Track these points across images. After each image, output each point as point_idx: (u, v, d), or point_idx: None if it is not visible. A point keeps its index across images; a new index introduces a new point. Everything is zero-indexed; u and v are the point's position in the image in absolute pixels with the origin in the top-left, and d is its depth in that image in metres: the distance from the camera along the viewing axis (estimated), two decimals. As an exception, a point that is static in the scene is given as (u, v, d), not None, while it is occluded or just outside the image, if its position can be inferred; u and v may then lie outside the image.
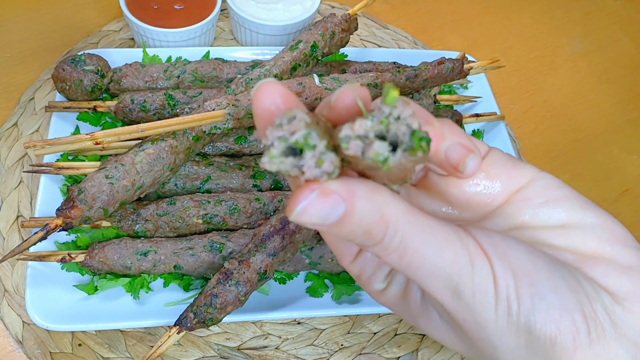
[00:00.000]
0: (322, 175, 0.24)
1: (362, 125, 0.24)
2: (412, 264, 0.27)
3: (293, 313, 0.68)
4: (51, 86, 0.87)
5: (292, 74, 0.78)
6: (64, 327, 0.63)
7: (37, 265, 0.65)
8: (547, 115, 1.03)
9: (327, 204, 0.25)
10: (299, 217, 0.25)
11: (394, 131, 0.24)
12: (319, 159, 0.24)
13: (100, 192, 0.62)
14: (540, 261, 0.28)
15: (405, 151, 0.24)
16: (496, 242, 0.28)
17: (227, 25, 1.02)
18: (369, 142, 0.24)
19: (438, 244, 0.27)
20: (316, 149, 0.24)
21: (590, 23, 1.20)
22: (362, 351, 0.71)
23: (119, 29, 0.98)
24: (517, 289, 0.27)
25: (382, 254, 0.27)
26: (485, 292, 0.27)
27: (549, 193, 0.32)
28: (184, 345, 0.69)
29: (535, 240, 0.31)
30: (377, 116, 0.24)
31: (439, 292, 0.28)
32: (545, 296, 0.27)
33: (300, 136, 0.23)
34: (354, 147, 0.24)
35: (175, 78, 0.80)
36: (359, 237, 0.27)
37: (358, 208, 0.26)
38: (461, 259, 0.27)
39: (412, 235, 0.27)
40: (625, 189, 0.95)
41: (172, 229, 0.69)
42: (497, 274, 0.27)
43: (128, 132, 0.65)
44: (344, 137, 0.24)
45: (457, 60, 0.79)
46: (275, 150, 0.24)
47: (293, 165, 0.24)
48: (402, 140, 0.24)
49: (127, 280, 0.67)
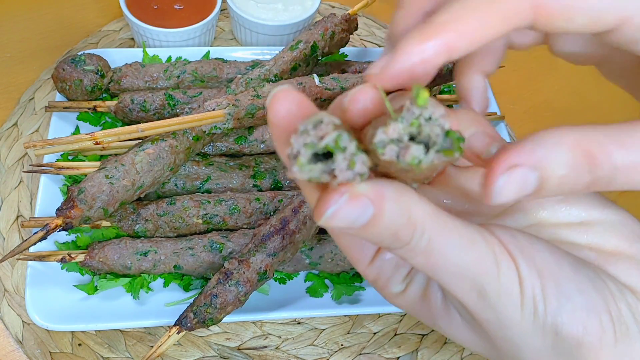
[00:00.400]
0: (354, 177, 0.23)
1: (396, 129, 0.23)
2: (438, 265, 0.27)
3: (293, 313, 0.68)
4: (51, 86, 0.87)
5: (292, 74, 0.78)
6: (64, 327, 0.63)
7: (37, 265, 0.65)
8: (547, 115, 1.03)
9: (356, 207, 0.25)
10: (328, 222, 0.25)
11: (427, 132, 0.23)
12: (351, 160, 0.23)
13: (100, 192, 0.62)
14: (564, 261, 0.28)
15: (438, 152, 0.23)
16: (520, 242, 0.28)
17: (227, 25, 1.02)
18: (404, 146, 0.23)
19: (464, 245, 0.27)
20: (347, 151, 0.23)
21: (591, 23, 1.19)
22: (362, 351, 0.71)
23: (119, 29, 0.98)
24: (543, 289, 0.27)
25: (409, 256, 0.27)
26: (511, 293, 0.27)
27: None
28: (184, 345, 0.69)
29: (556, 237, 0.31)
30: (407, 118, 0.23)
31: (464, 293, 0.27)
32: (572, 296, 0.27)
33: (331, 139, 0.23)
34: (390, 152, 0.23)
35: (175, 78, 0.80)
36: (387, 239, 0.26)
37: (386, 211, 0.25)
38: (487, 260, 0.27)
39: (439, 236, 0.26)
40: (625, 189, 0.95)
41: (172, 229, 0.69)
42: (522, 275, 0.27)
43: (128, 132, 0.65)
44: (379, 142, 0.23)
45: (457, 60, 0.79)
46: (304, 158, 0.23)
47: (323, 171, 0.23)
48: (435, 141, 0.23)
49: (127, 280, 0.67)
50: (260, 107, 0.72)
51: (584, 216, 0.31)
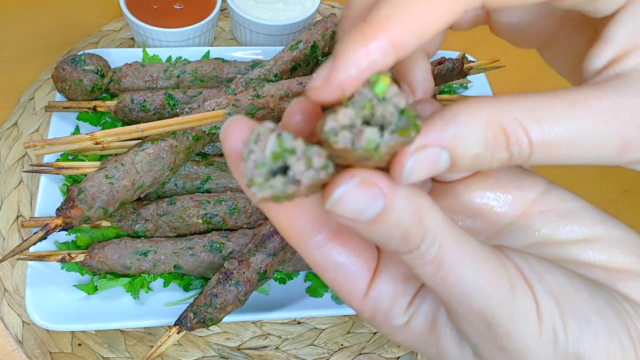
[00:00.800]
0: (319, 173, 0.22)
1: (346, 114, 0.21)
2: (448, 279, 0.25)
3: (293, 313, 0.68)
4: (51, 86, 0.87)
5: (292, 74, 0.78)
6: (64, 327, 0.63)
7: (37, 265, 0.65)
8: (547, 115, 1.03)
9: (367, 194, 0.23)
10: (336, 206, 0.23)
11: (380, 114, 0.22)
12: (306, 157, 0.21)
13: (100, 192, 0.62)
14: (580, 284, 0.27)
15: (393, 133, 0.22)
16: (535, 267, 0.26)
17: (227, 25, 1.02)
18: (357, 131, 0.21)
19: (477, 262, 0.25)
20: (296, 150, 0.21)
21: (591, 23, 1.19)
22: (362, 351, 0.71)
23: (119, 29, 0.98)
24: (562, 316, 0.25)
25: (417, 264, 0.25)
26: (527, 319, 0.25)
27: (565, 205, 0.30)
28: (183, 345, 0.69)
29: (561, 256, 0.30)
30: (359, 101, 0.22)
31: (474, 315, 0.25)
32: (592, 321, 0.25)
33: (273, 144, 0.21)
34: (343, 139, 0.21)
35: (175, 78, 0.80)
36: (395, 239, 0.24)
37: (398, 205, 0.23)
38: (501, 281, 0.25)
39: (451, 247, 0.25)
40: (625, 189, 0.95)
41: (172, 229, 0.69)
42: (539, 300, 0.25)
43: (128, 132, 0.65)
44: (330, 130, 0.21)
45: (457, 60, 0.79)
46: (260, 178, 0.21)
47: (285, 183, 0.21)
48: (390, 121, 0.22)
49: (127, 280, 0.67)
50: (260, 107, 0.72)
51: (586, 232, 0.30)
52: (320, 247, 0.27)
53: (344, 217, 0.23)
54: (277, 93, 0.72)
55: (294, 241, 0.28)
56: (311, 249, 0.28)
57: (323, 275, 0.29)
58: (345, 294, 0.29)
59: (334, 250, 0.28)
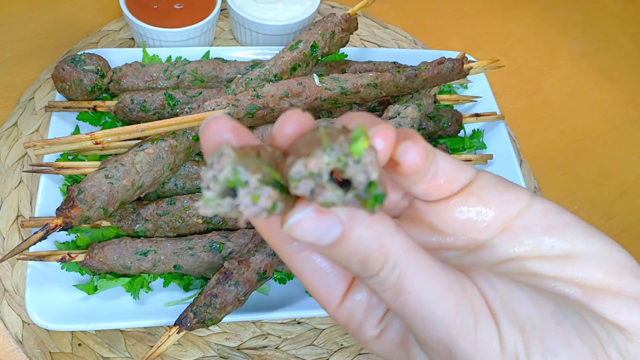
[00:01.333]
0: (260, 212, 0.22)
1: (318, 163, 0.22)
2: (408, 305, 0.25)
3: (293, 313, 0.68)
4: (51, 86, 0.87)
5: (291, 74, 0.78)
6: (64, 327, 0.63)
7: (37, 265, 0.65)
8: (546, 115, 1.03)
9: (323, 222, 0.24)
10: (292, 231, 0.24)
11: (350, 174, 0.22)
12: (254, 195, 0.22)
13: (100, 191, 0.62)
14: (547, 311, 0.26)
15: (356, 198, 0.22)
16: (501, 294, 0.26)
17: (227, 25, 1.02)
18: (321, 185, 0.22)
19: (438, 290, 0.25)
20: (249, 185, 0.21)
21: (590, 23, 1.20)
22: (362, 351, 0.71)
23: (119, 29, 0.98)
24: (526, 346, 0.25)
25: (378, 289, 0.26)
26: (489, 349, 0.25)
27: (549, 220, 0.30)
28: (183, 345, 0.69)
29: (538, 272, 0.29)
30: (336, 152, 0.22)
31: (434, 343, 0.26)
32: (558, 352, 0.25)
33: (228, 173, 0.21)
34: (304, 187, 0.22)
35: (175, 78, 0.80)
36: (355, 265, 0.25)
37: (356, 233, 0.24)
38: (463, 311, 0.25)
39: (411, 274, 0.25)
40: (624, 190, 0.95)
41: (172, 229, 0.69)
42: (503, 331, 0.25)
43: (128, 131, 0.65)
44: (294, 175, 0.22)
45: (457, 60, 0.79)
46: (210, 193, 0.22)
47: (232, 206, 0.22)
48: (357, 187, 0.22)
49: (127, 280, 0.67)
50: (260, 107, 0.72)
51: (568, 248, 0.29)
52: (299, 252, 0.28)
53: (302, 241, 0.24)
54: (277, 93, 0.72)
55: (272, 244, 0.28)
56: (290, 253, 0.28)
57: (301, 279, 0.30)
58: (322, 300, 0.30)
59: (312, 255, 0.29)
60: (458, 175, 0.31)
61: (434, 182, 0.30)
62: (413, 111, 0.76)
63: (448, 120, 0.84)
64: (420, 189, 0.30)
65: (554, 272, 0.29)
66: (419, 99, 0.79)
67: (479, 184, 0.31)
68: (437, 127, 0.84)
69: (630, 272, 0.29)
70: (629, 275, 0.29)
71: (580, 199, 0.93)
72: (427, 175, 0.29)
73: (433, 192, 0.30)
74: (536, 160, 0.95)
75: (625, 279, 0.28)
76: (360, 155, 0.22)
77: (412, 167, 0.27)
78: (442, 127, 0.84)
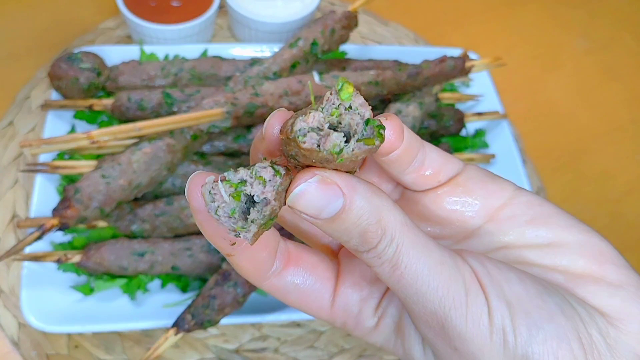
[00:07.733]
0: (275, 181, 0.24)
1: (316, 117, 0.24)
2: (404, 279, 0.26)
3: (292, 315, 0.67)
4: (47, 84, 0.86)
5: (291, 72, 0.77)
6: (60, 329, 0.62)
7: (33, 265, 0.64)
8: (550, 113, 1.02)
9: (326, 192, 0.25)
10: (296, 201, 0.25)
11: (347, 121, 0.24)
12: (256, 177, 0.23)
13: (96, 191, 0.61)
14: (533, 289, 0.28)
15: (359, 141, 0.24)
16: (490, 271, 0.28)
17: (226, 22, 1.01)
18: (325, 134, 0.23)
19: (433, 264, 0.26)
20: (245, 178, 0.23)
21: (594, 21, 1.18)
22: (363, 353, 0.70)
23: (116, 27, 0.97)
24: (513, 320, 0.26)
25: (375, 263, 0.27)
26: (479, 321, 0.26)
27: (533, 210, 0.32)
28: (181, 347, 0.68)
29: (523, 260, 0.31)
30: (328, 108, 0.24)
31: (429, 316, 0.27)
32: (542, 326, 0.26)
33: (225, 189, 0.23)
34: (310, 140, 0.23)
35: (173, 76, 0.79)
36: (354, 238, 0.26)
37: (356, 205, 0.25)
38: (455, 284, 0.26)
39: (408, 248, 0.26)
40: (628, 189, 0.94)
41: (169, 229, 0.68)
42: (491, 304, 0.27)
43: (125, 130, 0.64)
44: (299, 130, 0.23)
45: (459, 58, 0.78)
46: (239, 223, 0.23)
47: (259, 210, 0.23)
48: (356, 130, 0.24)
49: (124, 281, 0.66)
50: (259, 106, 0.70)
51: (551, 237, 0.31)
52: (278, 274, 0.30)
53: (305, 214, 0.25)
54: (276, 91, 0.71)
55: (254, 277, 0.30)
56: (271, 279, 0.30)
57: (287, 299, 0.31)
58: (313, 310, 0.31)
59: (289, 273, 0.30)
60: (445, 167, 0.32)
61: (421, 171, 0.31)
62: (415, 109, 0.74)
63: (450, 119, 0.83)
64: (409, 177, 0.32)
65: (538, 260, 0.31)
66: (420, 97, 0.78)
67: (466, 176, 0.33)
68: (439, 125, 0.83)
69: (611, 259, 0.30)
70: (609, 263, 0.30)
71: (585, 198, 0.92)
72: (413, 162, 0.31)
73: (421, 181, 0.32)
74: (539, 160, 0.94)
75: (605, 266, 0.30)
76: (350, 100, 0.24)
77: (388, 144, 0.28)
78: (444, 126, 0.83)
